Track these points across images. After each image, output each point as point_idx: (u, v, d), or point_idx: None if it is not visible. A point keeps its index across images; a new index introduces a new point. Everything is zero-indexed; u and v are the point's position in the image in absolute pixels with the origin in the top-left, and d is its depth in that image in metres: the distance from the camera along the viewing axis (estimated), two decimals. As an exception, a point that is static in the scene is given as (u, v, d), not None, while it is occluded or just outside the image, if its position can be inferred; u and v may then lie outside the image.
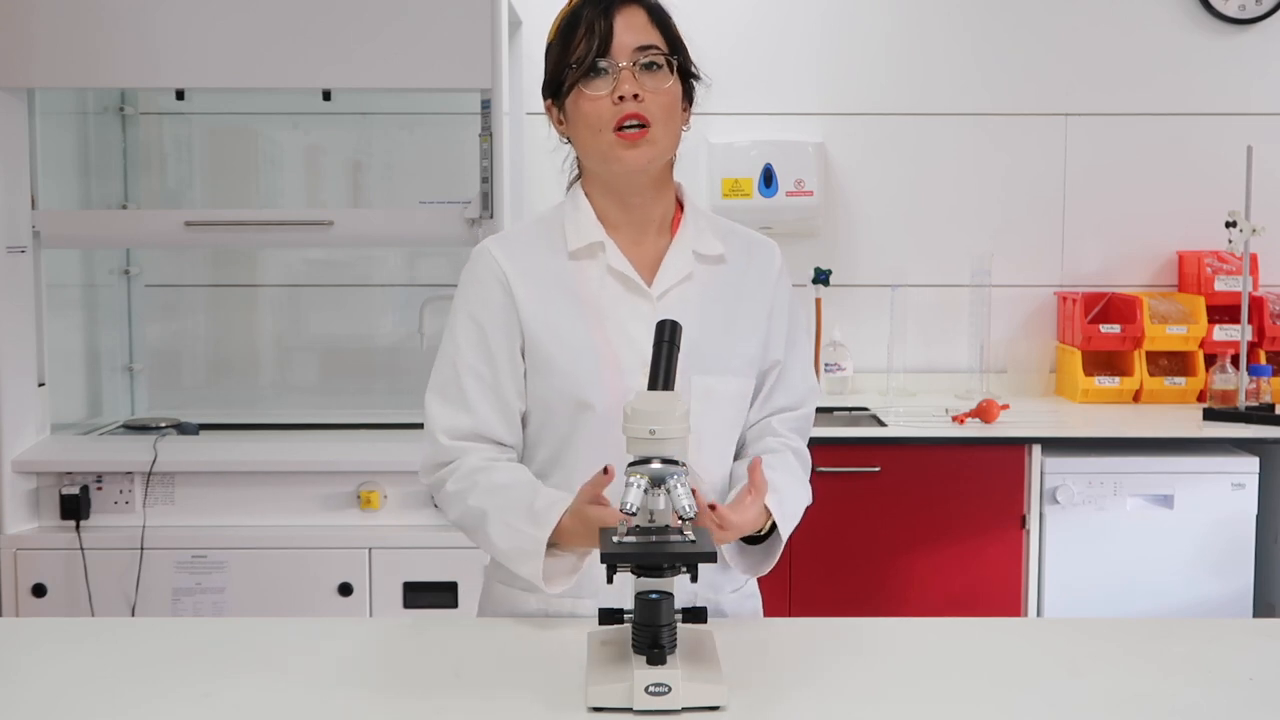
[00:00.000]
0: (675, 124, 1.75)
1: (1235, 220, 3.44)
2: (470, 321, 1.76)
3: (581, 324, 1.73)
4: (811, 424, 1.90)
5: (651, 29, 1.73)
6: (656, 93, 1.70)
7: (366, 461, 3.08)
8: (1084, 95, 3.91)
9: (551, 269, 1.76)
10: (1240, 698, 1.46)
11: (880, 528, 3.27)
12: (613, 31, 1.70)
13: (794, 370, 1.86)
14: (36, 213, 3.12)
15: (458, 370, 1.75)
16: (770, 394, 1.84)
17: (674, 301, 1.74)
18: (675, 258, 1.78)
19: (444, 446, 1.74)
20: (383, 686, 1.50)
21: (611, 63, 1.69)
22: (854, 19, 3.90)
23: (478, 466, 1.72)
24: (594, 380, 1.70)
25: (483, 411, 1.74)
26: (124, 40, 3.01)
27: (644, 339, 1.65)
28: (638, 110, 1.69)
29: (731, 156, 3.75)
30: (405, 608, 3.04)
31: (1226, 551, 3.25)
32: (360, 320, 3.83)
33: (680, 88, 1.75)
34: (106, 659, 1.60)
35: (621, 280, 1.75)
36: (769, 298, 1.83)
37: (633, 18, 1.72)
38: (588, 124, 1.71)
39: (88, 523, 3.06)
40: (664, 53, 1.72)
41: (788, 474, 1.77)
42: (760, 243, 1.87)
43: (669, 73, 1.72)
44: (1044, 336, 3.95)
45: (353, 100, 3.60)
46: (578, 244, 1.76)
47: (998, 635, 1.72)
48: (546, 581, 1.63)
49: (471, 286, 1.77)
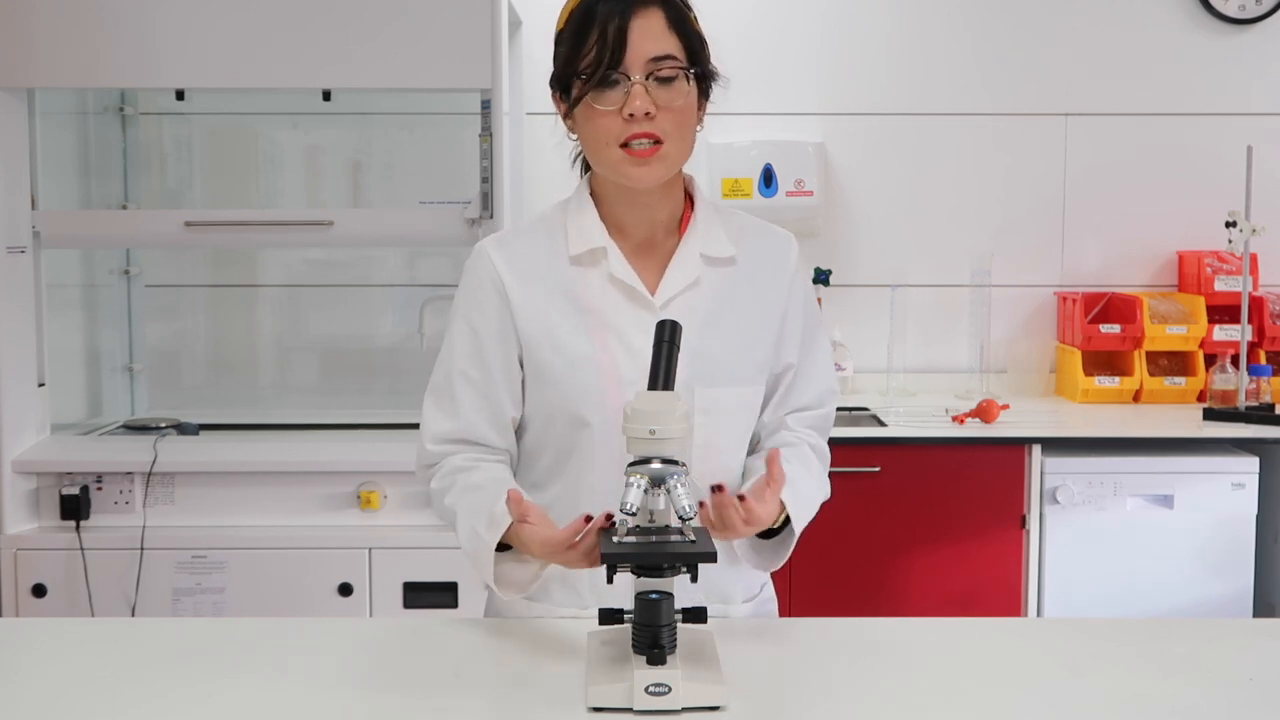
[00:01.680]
0: (689, 134, 1.67)
1: (1235, 220, 3.44)
2: (465, 326, 1.73)
3: (582, 334, 1.69)
4: (831, 423, 1.85)
5: (669, 35, 1.63)
6: (670, 107, 1.62)
7: (366, 461, 3.08)
8: (1084, 95, 3.91)
9: (551, 273, 1.71)
10: (1240, 698, 1.46)
11: (880, 528, 3.27)
12: (627, 41, 1.60)
13: (811, 370, 1.80)
14: (36, 213, 3.12)
15: (450, 374, 1.74)
16: (786, 396, 1.79)
17: (679, 310, 1.67)
18: (681, 263, 1.71)
19: (429, 451, 1.75)
20: (383, 686, 1.50)
21: (624, 74, 1.61)
22: (854, 19, 3.90)
23: (459, 466, 1.72)
24: (593, 393, 1.67)
25: (471, 416, 1.72)
26: (124, 40, 3.01)
27: (646, 350, 1.60)
28: (650, 129, 1.61)
29: (731, 156, 3.76)
30: (405, 608, 3.04)
31: (1226, 551, 3.25)
32: (360, 320, 3.83)
33: (696, 92, 1.67)
34: (106, 659, 1.60)
35: (623, 289, 1.69)
36: (783, 298, 1.76)
37: (650, 22, 1.62)
38: (596, 137, 1.64)
39: (88, 523, 3.06)
40: (680, 65, 1.62)
41: (803, 467, 1.74)
42: (775, 237, 1.80)
43: (685, 83, 1.63)
44: (1044, 336, 3.95)
45: (353, 100, 3.60)
46: (579, 249, 1.71)
47: (998, 635, 1.72)
48: (500, 586, 1.61)
49: (468, 290, 1.74)
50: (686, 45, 1.64)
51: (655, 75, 1.61)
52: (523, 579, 1.62)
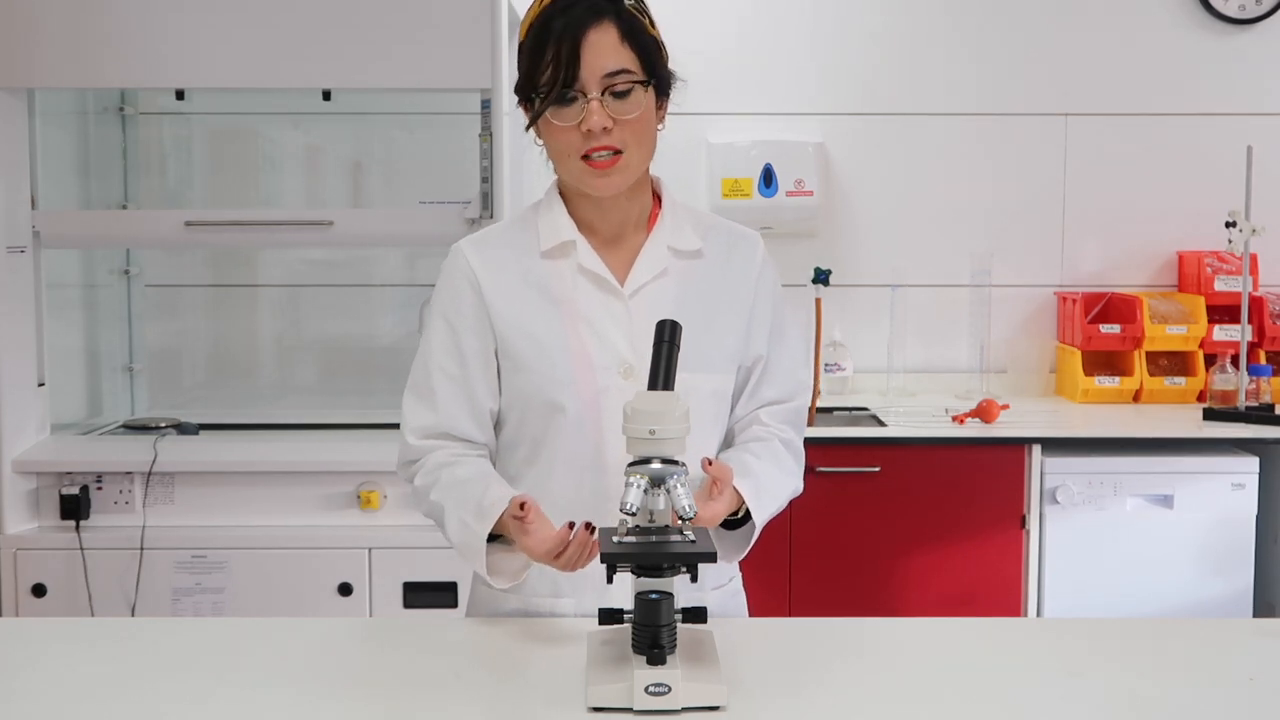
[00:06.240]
0: (649, 141, 1.70)
1: (1235, 220, 3.44)
2: (442, 321, 1.77)
3: (555, 323, 1.73)
4: (803, 418, 1.87)
5: (623, 48, 1.65)
6: (627, 119, 1.65)
7: (366, 461, 3.08)
8: (1084, 95, 3.91)
9: (523, 268, 1.76)
10: (1240, 698, 1.46)
11: (880, 528, 3.27)
12: (580, 59, 1.63)
13: (780, 363, 1.84)
14: (36, 213, 3.12)
15: (429, 370, 1.77)
16: (756, 388, 1.82)
17: (647, 299, 1.73)
18: (649, 254, 1.76)
19: (411, 446, 1.79)
20: (383, 686, 1.50)
21: (580, 92, 1.63)
22: (854, 19, 3.89)
23: (442, 462, 1.74)
24: (566, 379, 1.71)
25: (451, 410, 1.75)
26: (124, 40, 3.01)
27: (617, 337, 1.71)
28: (608, 142, 1.65)
29: (731, 156, 3.75)
30: (405, 608, 3.04)
31: (1226, 551, 3.25)
32: (360, 320, 3.83)
33: (654, 97, 1.69)
34: (106, 659, 1.60)
35: (593, 279, 1.74)
36: (750, 292, 1.80)
37: (604, 36, 1.64)
38: (558, 149, 1.69)
39: (88, 523, 3.05)
40: (635, 78, 1.65)
41: (771, 461, 1.77)
42: (742, 236, 1.84)
43: (642, 93, 1.66)
44: (1044, 336, 3.95)
45: (353, 100, 3.60)
46: (550, 243, 1.75)
47: (998, 635, 1.72)
48: (492, 575, 1.66)
49: (444, 287, 1.78)
50: (641, 55, 1.66)
51: (611, 90, 1.64)
52: (514, 567, 1.66)
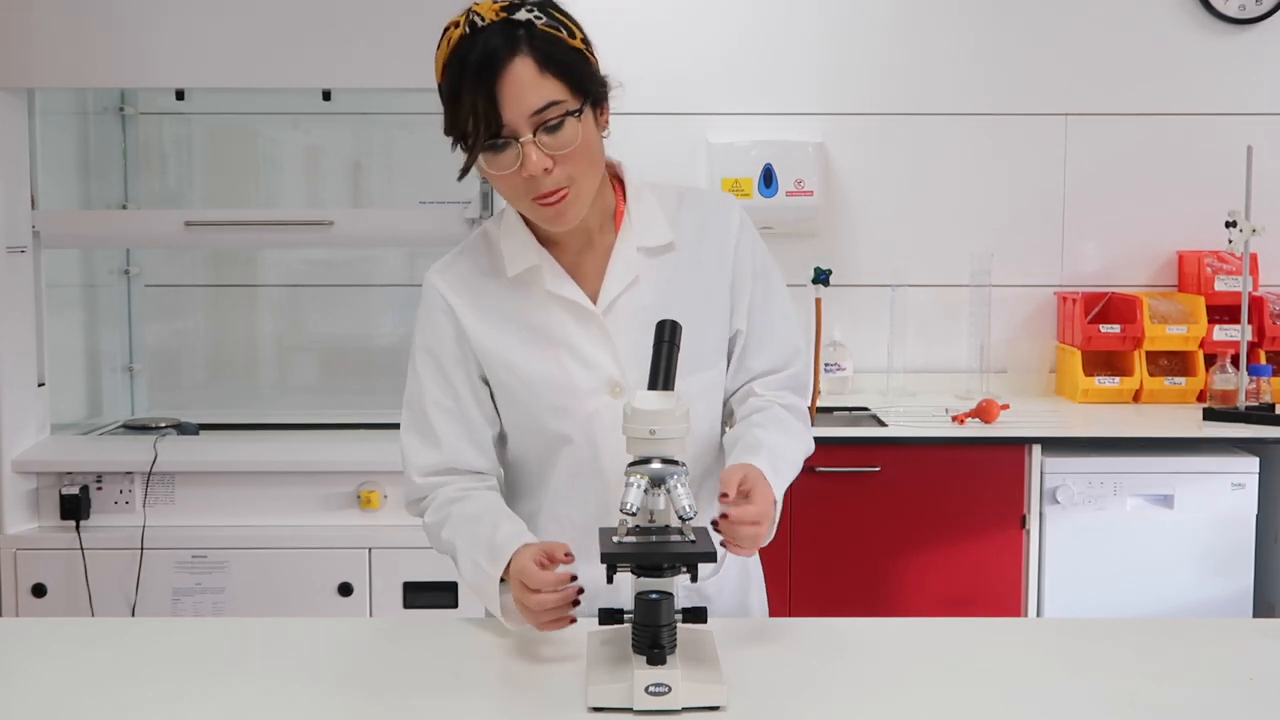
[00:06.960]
0: (596, 163, 1.61)
1: (1235, 220, 3.44)
2: (427, 355, 1.74)
3: (533, 352, 1.69)
4: (802, 382, 1.79)
5: (544, 79, 1.52)
6: (566, 152, 1.54)
7: (366, 461, 3.08)
8: (1084, 95, 3.90)
9: (494, 294, 1.71)
10: (1240, 698, 1.46)
11: (880, 528, 3.27)
12: (500, 103, 1.51)
13: (768, 332, 1.76)
14: (36, 213, 3.12)
15: (423, 405, 1.74)
16: (742, 359, 1.76)
17: (623, 312, 1.68)
18: (618, 264, 1.69)
19: (417, 484, 1.76)
20: (383, 686, 1.50)
21: (510, 137, 1.53)
22: (854, 19, 3.89)
23: (452, 498, 1.72)
24: (557, 409, 1.68)
25: (453, 443, 1.73)
26: (124, 40, 3.01)
27: (599, 358, 1.67)
28: (552, 185, 1.56)
29: (731, 156, 3.75)
30: (405, 608, 3.04)
31: (1226, 551, 3.25)
32: (360, 320, 3.83)
33: (592, 114, 1.59)
34: (106, 659, 1.60)
35: (563, 304, 1.68)
36: (728, 269, 1.73)
37: (520, 75, 1.51)
38: (504, 192, 1.61)
39: (88, 523, 3.05)
40: (566, 108, 1.53)
41: (777, 428, 1.70)
42: (714, 206, 1.75)
43: (576, 121, 1.54)
44: (1044, 336, 3.95)
45: (353, 100, 3.60)
46: (516, 269, 1.69)
47: (998, 635, 1.72)
48: (505, 616, 1.61)
49: (422, 321, 1.74)
50: (567, 78, 1.55)
51: (543, 126, 1.53)
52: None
